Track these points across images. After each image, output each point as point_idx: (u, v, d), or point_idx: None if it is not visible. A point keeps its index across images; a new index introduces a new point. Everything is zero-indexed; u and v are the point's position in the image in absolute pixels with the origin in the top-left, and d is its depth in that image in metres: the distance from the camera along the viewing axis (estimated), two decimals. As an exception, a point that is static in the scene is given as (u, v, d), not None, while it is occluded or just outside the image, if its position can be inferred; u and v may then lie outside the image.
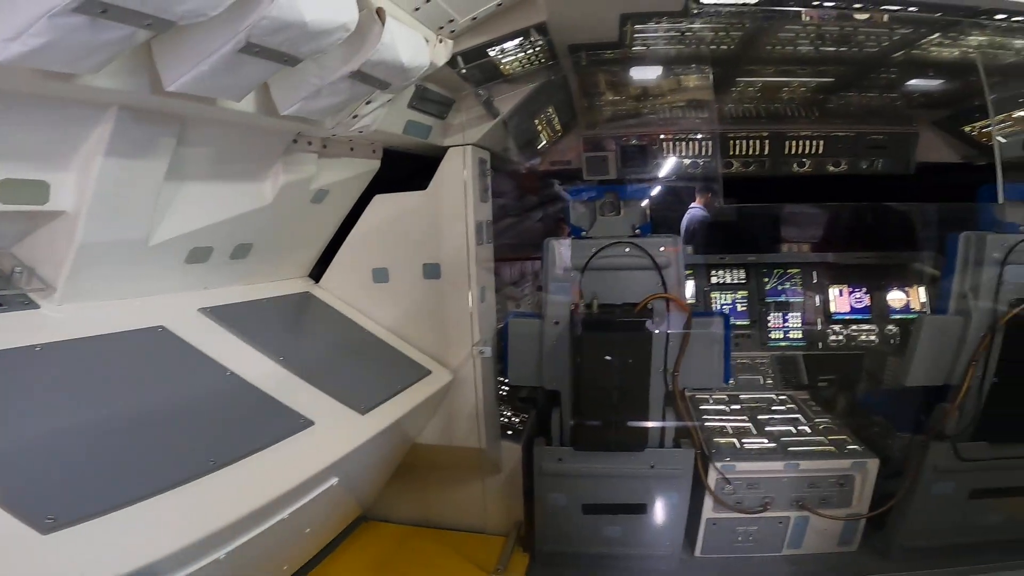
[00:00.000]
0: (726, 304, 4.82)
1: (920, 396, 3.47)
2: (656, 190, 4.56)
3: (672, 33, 3.02)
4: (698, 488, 3.40)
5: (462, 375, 3.41)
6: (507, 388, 4.22)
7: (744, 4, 2.64)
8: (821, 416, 3.92)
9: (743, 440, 3.64)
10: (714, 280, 4.87)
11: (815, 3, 2.60)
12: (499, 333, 3.58)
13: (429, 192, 3.35)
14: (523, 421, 4.10)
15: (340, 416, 2.53)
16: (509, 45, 2.95)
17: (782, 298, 4.78)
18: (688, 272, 4.84)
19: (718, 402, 4.23)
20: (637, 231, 3.43)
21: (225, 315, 2.54)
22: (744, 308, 4.81)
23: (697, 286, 4.85)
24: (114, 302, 2.23)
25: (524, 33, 2.85)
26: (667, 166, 4.63)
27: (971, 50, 3.07)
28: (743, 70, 3.69)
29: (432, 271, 3.37)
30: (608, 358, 3.13)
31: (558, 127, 4.42)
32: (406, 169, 3.51)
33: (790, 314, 4.74)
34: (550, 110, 4.03)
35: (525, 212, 5.49)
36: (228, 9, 1.45)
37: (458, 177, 3.28)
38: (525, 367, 3.47)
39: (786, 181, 4.67)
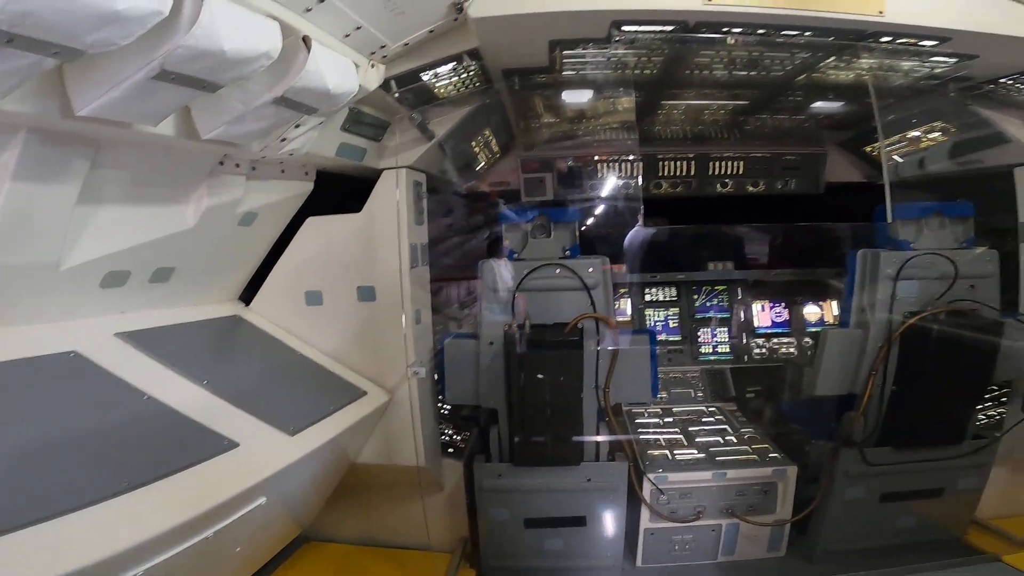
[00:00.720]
0: (659, 321, 5.00)
1: (833, 405, 3.67)
2: (599, 209, 4.73)
3: (599, 58, 3.15)
4: (635, 499, 3.50)
5: (399, 396, 3.41)
6: (449, 407, 4.23)
7: (661, 32, 2.80)
8: (746, 426, 4.11)
9: (675, 452, 3.77)
10: (648, 298, 5.06)
11: (724, 30, 2.77)
12: (438, 353, 3.60)
13: (363, 215, 3.37)
14: (465, 439, 4.12)
15: (267, 437, 2.51)
16: (443, 70, 3.01)
17: (710, 314, 5.01)
18: (624, 290, 5.06)
19: (653, 415, 4.36)
20: (567, 253, 3.54)
21: (143, 339, 2.48)
22: (676, 324, 5.01)
23: (633, 303, 5.03)
24: (24, 327, 2.15)
25: (457, 58, 2.92)
26: (601, 187, 4.79)
27: (863, 72, 3.31)
28: (667, 93, 3.87)
29: (367, 294, 3.37)
30: (540, 376, 3.21)
31: (496, 149, 4.52)
32: (342, 190, 3.52)
33: (718, 329, 4.97)
34: (487, 132, 4.11)
35: (472, 232, 5.54)
36: (142, 37, 1.44)
37: (392, 200, 3.30)
38: (462, 386, 3.52)
39: (712, 201, 4.92)
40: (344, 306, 3.40)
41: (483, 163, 4.50)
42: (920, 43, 2.84)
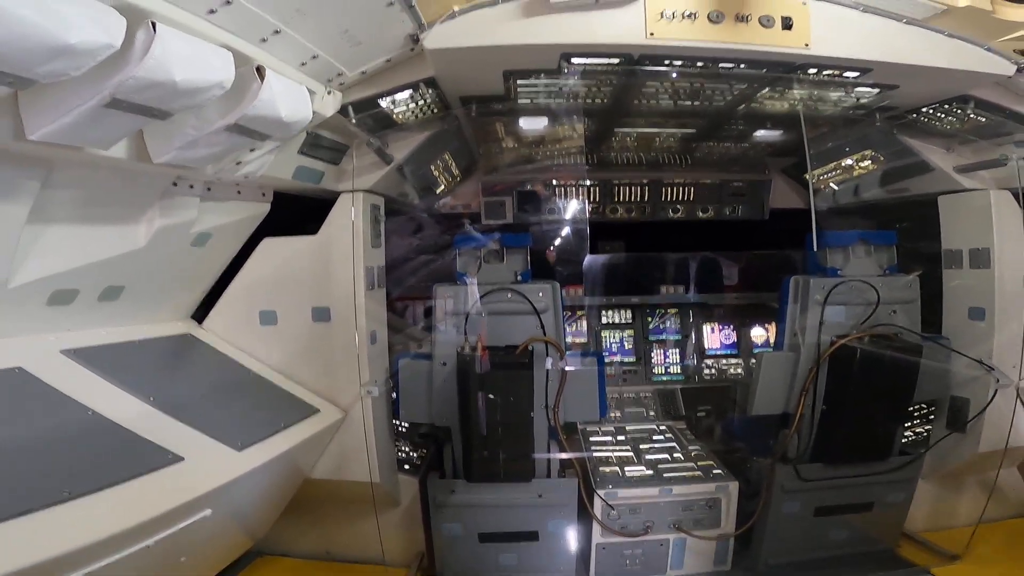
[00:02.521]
0: (614, 342, 5.15)
1: (773, 423, 3.83)
2: (555, 233, 4.88)
3: (552, 88, 3.31)
4: (587, 515, 3.58)
5: (353, 414, 3.45)
6: (407, 425, 4.28)
7: (608, 64, 2.98)
8: (694, 444, 4.24)
9: (625, 468, 3.88)
10: (604, 320, 5.20)
11: (665, 63, 2.96)
12: (395, 373, 3.69)
13: (319, 237, 3.43)
14: (422, 456, 4.17)
15: (213, 452, 2.55)
16: (400, 96, 3.13)
17: (663, 336, 5.17)
18: (581, 313, 5.20)
19: (607, 434, 4.48)
20: (519, 278, 3.67)
21: (90, 356, 2.51)
22: (631, 346, 5.16)
23: (590, 325, 5.17)
24: (-32, 344, 2.16)
25: (414, 86, 3.05)
26: (558, 211, 4.96)
27: (796, 102, 3.53)
28: (619, 121, 4.06)
29: (321, 314, 3.43)
30: (492, 396, 3.31)
31: (456, 172, 4.65)
32: (301, 212, 3.58)
33: (671, 351, 5.13)
34: (447, 157, 4.23)
35: (439, 252, 5.63)
36: (95, 67, 1.50)
37: (348, 222, 3.38)
38: (416, 405, 3.61)
39: (665, 226, 5.13)
40: (298, 326, 3.44)
41: (443, 186, 4.61)
42: (843, 74, 3.05)
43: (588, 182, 4.90)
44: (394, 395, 3.73)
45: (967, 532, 3.71)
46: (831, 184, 4.47)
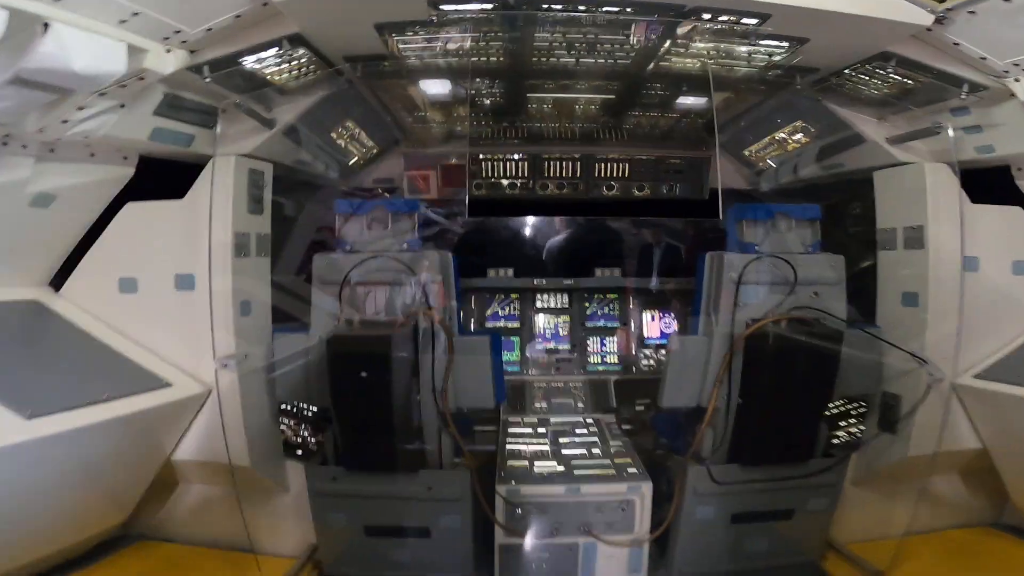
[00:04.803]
0: (549, 328, 4.88)
1: (693, 416, 3.48)
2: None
3: (434, 43, 3.06)
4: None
5: (223, 390, 3.27)
6: (314, 408, 4.08)
7: (481, 9, 2.72)
8: (617, 440, 3.93)
9: (535, 463, 3.61)
10: (539, 304, 4.93)
11: (544, 5, 2.69)
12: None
13: (186, 202, 3.26)
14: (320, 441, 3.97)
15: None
16: (267, 56, 2.93)
17: (601, 323, 4.87)
18: (515, 295, 4.94)
19: (528, 424, 4.21)
20: (405, 246, 3.42)
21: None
22: (566, 333, 4.88)
23: (522, 309, 4.91)
24: None
25: (276, 43, 2.84)
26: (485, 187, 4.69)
27: (704, 58, 3.19)
28: (527, 85, 3.76)
29: (185, 282, 3.25)
30: (364, 375, 3.07)
31: (369, 143, 4.42)
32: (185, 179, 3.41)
33: (607, 339, 4.83)
34: (350, 125, 4.02)
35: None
36: None
37: (220, 188, 3.19)
38: (292, 384, 3.39)
39: (601, 204, 4.81)
40: (160, 295, 3.27)
41: (357, 158, 4.39)
42: (741, 20, 2.72)
43: (517, 156, 4.60)
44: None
45: (900, 543, 3.34)
46: (768, 160, 4.09)
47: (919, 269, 3.32)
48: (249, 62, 2.96)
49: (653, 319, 4.84)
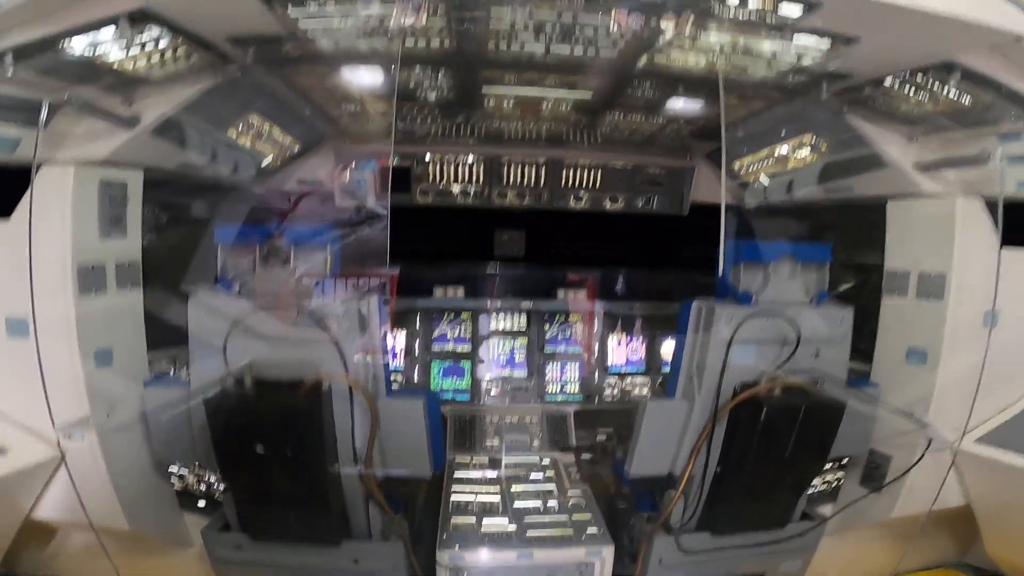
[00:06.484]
0: (503, 353, 4.31)
1: (665, 482, 3.01)
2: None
3: (349, 17, 2.38)
4: None
5: (80, 452, 2.62)
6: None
7: None
8: (576, 487, 3.44)
9: (484, 521, 3.08)
10: (493, 326, 4.34)
11: None
12: None
13: (12, 224, 2.48)
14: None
15: None
16: (103, 39, 2.24)
17: (561, 348, 4.33)
18: (466, 315, 4.33)
19: (478, 467, 3.68)
20: (315, 287, 2.73)
21: None
22: (523, 358, 4.32)
23: (474, 331, 4.32)
24: None
25: (111, 22, 2.15)
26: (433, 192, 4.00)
27: (713, 54, 2.60)
28: (482, 76, 3.09)
29: (17, 328, 2.51)
30: (261, 450, 2.46)
31: (287, 140, 3.65)
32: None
33: (568, 364, 4.30)
34: (256, 120, 3.25)
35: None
36: None
37: (52, 207, 2.44)
38: (173, 443, 2.78)
39: (568, 217, 4.20)
40: None
41: (270, 159, 3.62)
42: (779, 10, 2.13)
43: (471, 158, 3.92)
44: None
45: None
46: (762, 177, 3.50)
47: (934, 324, 2.84)
48: (78, 47, 2.28)
49: (620, 344, 4.32)
